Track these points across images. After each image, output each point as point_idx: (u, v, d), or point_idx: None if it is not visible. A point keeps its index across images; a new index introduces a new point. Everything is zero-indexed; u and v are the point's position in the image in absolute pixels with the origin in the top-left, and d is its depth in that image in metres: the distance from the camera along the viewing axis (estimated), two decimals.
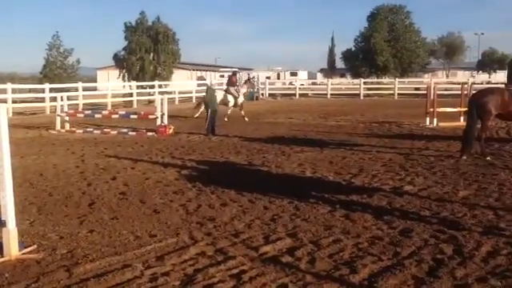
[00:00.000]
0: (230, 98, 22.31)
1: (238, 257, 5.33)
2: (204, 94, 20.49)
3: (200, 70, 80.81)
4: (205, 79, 52.69)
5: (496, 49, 74.08)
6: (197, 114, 22.50)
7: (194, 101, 35.89)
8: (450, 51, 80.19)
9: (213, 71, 72.79)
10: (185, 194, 8.32)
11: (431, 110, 18.62)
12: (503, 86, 11.93)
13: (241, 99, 22.71)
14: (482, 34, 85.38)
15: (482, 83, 39.90)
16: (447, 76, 75.44)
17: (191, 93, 39.06)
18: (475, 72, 76.23)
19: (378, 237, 5.97)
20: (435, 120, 18.47)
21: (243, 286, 4.62)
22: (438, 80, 57.33)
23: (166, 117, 17.73)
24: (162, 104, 17.90)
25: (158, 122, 17.58)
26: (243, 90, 23.37)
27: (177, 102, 35.57)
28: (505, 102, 11.01)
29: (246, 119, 21.86)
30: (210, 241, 5.91)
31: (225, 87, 23.36)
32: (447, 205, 7.36)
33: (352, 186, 8.91)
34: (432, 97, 18.77)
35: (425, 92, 22.63)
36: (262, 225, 6.55)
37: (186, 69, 74.75)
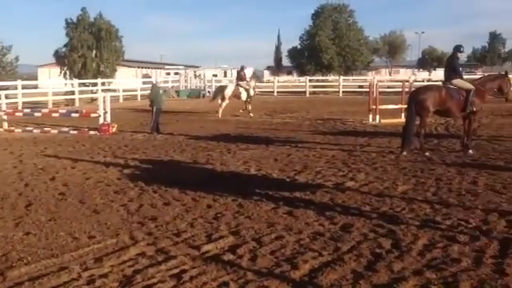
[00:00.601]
0: (242, 91, 22.95)
1: (179, 256, 5.27)
2: (149, 91, 20.18)
3: (145, 68, 79.63)
4: (150, 77, 51.92)
5: (435, 47, 76.69)
6: (220, 112, 22.54)
7: (139, 99, 35.36)
8: (392, 50, 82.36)
9: (159, 69, 71.82)
10: (126, 194, 8.16)
11: (373, 107, 19.03)
12: (441, 83, 12.31)
13: (251, 92, 23.42)
14: (423, 32, 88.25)
15: (423, 81, 41.17)
16: (390, 74, 77.33)
17: (136, 91, 38.41)
18: (416, 70, 78.53)
19: (319, 232, 6.03)
20: (378, 117, 18.89)
21: (183, 286, 4.56)
22: (380, 78, 58.72)
23: (108, 115, 17.35)
24: (104, 102, 17.50)
25: (101, 120, 17.18)
26: (252, 83, 23.94)
27: (121, 100, 34.91)
28: (442, 99, 11.36)
29: (251, 115, 22.41)
30: (150, 241, 5.81)
31: (229, 82, 23.77)
32: (387, 200, 7.53)
33: (296, 182, 8.98)
34: (374, 94, 19.20)
35: (368, 90, 23.10)
36: (205, 223, 6.50)
37: (131, 66, 73.49)
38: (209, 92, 42.55)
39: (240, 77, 23.97)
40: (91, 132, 16.84)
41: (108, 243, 5.76)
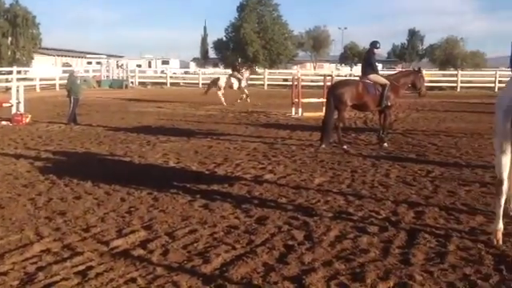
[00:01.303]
0: (234, 81, 24.87)
1: (86, 252, 5.05)
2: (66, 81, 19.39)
3: (66, 57, 76.58)
4: (71, 66, 50.03)
5: (357, 43, 78.80)
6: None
7: (57, 88, 33.98)
8: (316, 44, 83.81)
9: (80, 58, 69.33)
10: (35, 188, 7.77)
11: (296, 100, 19.28)
12: (358, 78, 12.63)
13: (244, 83, 25.11)
14: (345, 28, 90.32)
15: (346, 75, 42.24)
16: (315, 68, 78.75)
17: (54, 80, 36.89)
18: (339, 64, 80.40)
19: (234, 226, 5.99)
20: (300, 110, 19.16)
21: (88, 283, 4.37)
22: (305, 72, 59.71)
23: (22, 105, 16.51)
24: (18, 91, 16.64)
25: (13, 110, 16.33)
26: (246, 74, 25.69)
27: (38, 90, 33.41)
28: (359, 94, 11.64)
29: (248, 100, 24.26)
30: (57, 236, 5.54)
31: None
32: (303, 192, 7.61)
33: (215, 175, 8.91)
34: (297, 88, 19.45)
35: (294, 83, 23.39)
36: (117, 218, 6.29)
37: (50, 55, 70.46)
38: (132, 83, 41.66)
39: (235, 67, 26.78)
40: (3, 122, 15.95)
41: (11, 239, 5.44)
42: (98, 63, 49.06)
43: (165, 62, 56.95)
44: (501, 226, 5.31)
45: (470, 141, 12.83)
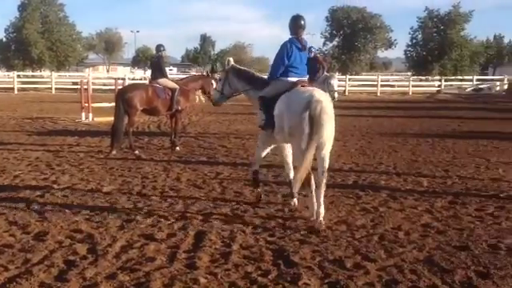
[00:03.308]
0: None
1: None
2: None
3: None
4: None
5: (149, 46, 78.65)
6: None
7: None
8: (109, 47, 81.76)
9: None
10: None
11: (86, 104, 18.46)
12: (147, 82, 12.52)
13: None
14: (138, 31, 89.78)
15: (140, 79, 41.78)
16: (108, 71, 76.62)
17: None
18: (133, 68, 79.41)
19: (8, 245, 5.41)
20: (91, 115, 18.38)
21: None
22: (97, 75, 57.83)
23: None
24: None
25: None
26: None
27: None
28: (149, 98, 11.52)
29: None
30: None
31: None
32: (89, 202, 7.24)
33: None
34: (87, 92, 18.62)
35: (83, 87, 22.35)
36: None
37: None
38: None
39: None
40: None
41: None
42: None
43: None
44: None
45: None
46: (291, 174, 6.96)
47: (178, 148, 12.01)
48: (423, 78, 46.73)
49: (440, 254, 5.24)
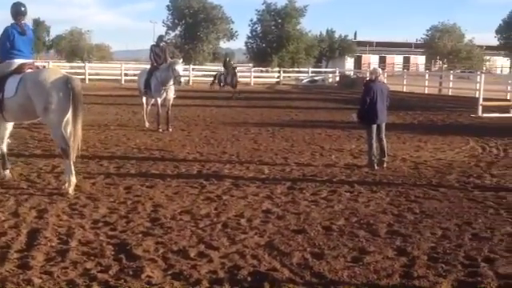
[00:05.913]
0: None
1: None
2: None
3: None
4: None
5: None
6: None
7: None
8: None
9: None
10: None
11: None
12: None
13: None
14: None
15: None
16: None
17: None
18: None
19: None
20: None
21: None
22: None
23: None
24: None
25: None
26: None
27: None
28: None
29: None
30: None
31: None
32: None
33: None
34: None
35: None
36: None
37: None
38: None
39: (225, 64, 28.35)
40: None
41: None
42: None
43: None
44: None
45: (97, 132, 13.03)
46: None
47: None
48: (263, 69, 48.47)
49: (279, 238, 5.48)
